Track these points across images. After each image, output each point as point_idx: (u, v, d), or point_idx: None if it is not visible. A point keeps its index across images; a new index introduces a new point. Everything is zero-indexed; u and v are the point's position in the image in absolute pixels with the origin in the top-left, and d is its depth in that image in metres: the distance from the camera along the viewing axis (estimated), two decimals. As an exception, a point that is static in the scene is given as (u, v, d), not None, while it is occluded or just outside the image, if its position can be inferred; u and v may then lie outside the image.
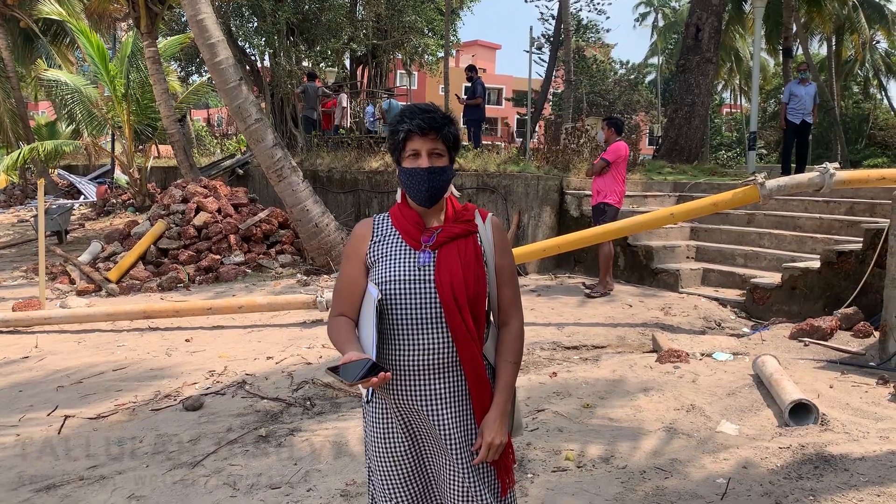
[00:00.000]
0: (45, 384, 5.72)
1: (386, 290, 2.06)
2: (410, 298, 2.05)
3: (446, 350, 2.06)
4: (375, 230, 2.18)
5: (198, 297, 8.97)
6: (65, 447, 4.41)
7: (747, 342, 6.28)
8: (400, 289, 2.06)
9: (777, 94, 34.60)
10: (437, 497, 2.18)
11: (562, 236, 7.90)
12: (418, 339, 2.05)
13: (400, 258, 2.10)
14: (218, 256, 10.42)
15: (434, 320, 2.05)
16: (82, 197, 19.58)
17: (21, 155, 14.91)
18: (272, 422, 4.80)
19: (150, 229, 10.74)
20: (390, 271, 2.08)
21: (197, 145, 23.76)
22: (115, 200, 17.57)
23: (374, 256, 2.13)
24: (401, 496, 2.14)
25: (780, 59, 26.49)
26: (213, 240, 10.73)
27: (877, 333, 5.93)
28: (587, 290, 8.32)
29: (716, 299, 7.99)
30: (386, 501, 2.15)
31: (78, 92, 16.12)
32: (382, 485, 2.15)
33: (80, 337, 7.24)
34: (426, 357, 2.06)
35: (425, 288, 2.05)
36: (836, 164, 6.87)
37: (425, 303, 2.05)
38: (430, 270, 2.07)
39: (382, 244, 2.14)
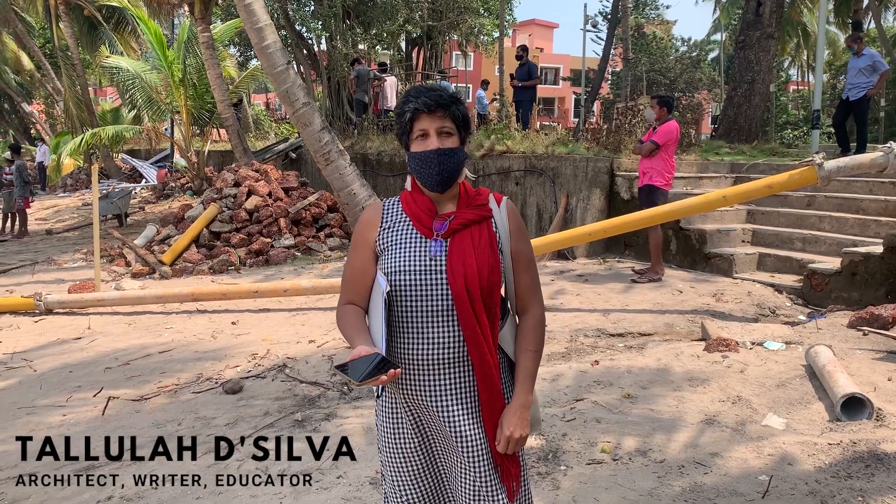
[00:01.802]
0: (95, 365, 5.87)
1: (395, 280, 1.97)
2: (420, 290, 1.96)
3: (457, 344, 1.97)
4: (385, 216, 2.09)
5: (247, 279, 9.09)
6: (106, 428, 4.51)
7: (802, 331, 6.01)
8: (410, 280, 1.97)
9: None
10: (450, 494, 2.11)
11: (609, 220, 7.70)
12: (428, 333, 1.97)
13: (410, 247, 2.01)
14: (268, 239, 10.55)
15: (445, 313, 1.96)
16: (144, 181, 20.11)
17: (83, 140, 15.34)
18: (309, 406, 4.80)
19: (203, 213, 10.93)
20: (400, 261, 1.99)
21: (255, 129, 24.11)
22: (174, 184, 18.01)
23: (383, 244, 2.05)
24: (412, 493, 2.08)
25: (850, 33, 25.30)
26: (264, 223, 10.87)
27: (943, 323, 5.61)
28: (634, 276, 8.10)
29: (771, 285, 7.69)
30: (397, 498, 2.10)
31: (138, 78, 16.48)
32: (393, 481, 2.10)
33: (131, 319, 7.41)
34: (436, 351, 1.97)
35: (436, 279, 1.96)
36: (902, 144, 6.49)
37: (436, 295, 1.96)
38: (441, 261, 1.97)
39: (392, 231, 2.06)
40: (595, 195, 9.75)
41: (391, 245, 2.03)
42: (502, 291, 2.08)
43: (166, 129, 22.00)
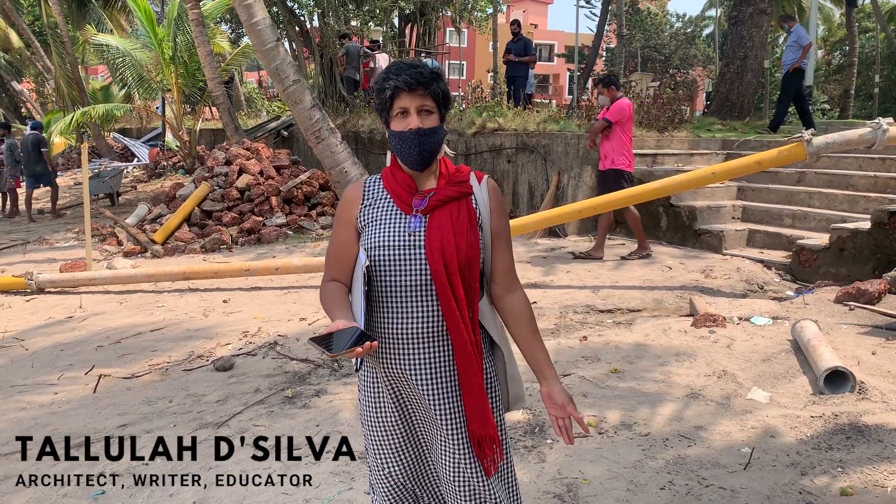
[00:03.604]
0: (86, 344, 5.90)
1: (374, 255, 2.00)
2: (399, 265, 1.98)
3: (436, 319, 1.99)
4: (366, 193, 2.11)
5: (239, 258, 9.10)
6: (98, 406, 4.54)
7: (789, 306, 6.06)
8: (389, 255, 1.99)
9: (842, 47, 32.96)
10: (432, 467, 2.14)
11: (599, 197, 7.71)
12: (407, 308, 1.99)
13: (390, 223, 2.02)
14: (260, 218, 10.55)
15: (424, 288, 1.98)
16: (136, 159, 20.00)
17: (74, 119, 15.23)
18: (299, 383, 4.84)
19: (195, 192, 10.90)
20: (379, 237, 2.01)
21: (247, 107, 23.94)
22: (166, 163, 17.91)
23: (364, 221, 2.07)
24: (394, 465, 2.11)
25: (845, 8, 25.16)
26: (256, 202, 10.86)
27: (928, 298, 5.66)
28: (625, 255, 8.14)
29: (760, 261, 7.74)
30: (379, 470, 2.13)
31: (128, 56, 16.31)
32: (375, 453, 2.13)
33: (122, 298, 7.43)
34: (415, 326, 1.99)
35: (415, 254, 1.98)
36: (890, 120, 6.50)
37: (415, 270, 1.98)
38: (420, 236, 1.99)
39: (373, 208, 2.07)
40: (586, 173, 9.75)
41: (371, 221, 2.05)
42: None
43: (157, 108, 21.84)
